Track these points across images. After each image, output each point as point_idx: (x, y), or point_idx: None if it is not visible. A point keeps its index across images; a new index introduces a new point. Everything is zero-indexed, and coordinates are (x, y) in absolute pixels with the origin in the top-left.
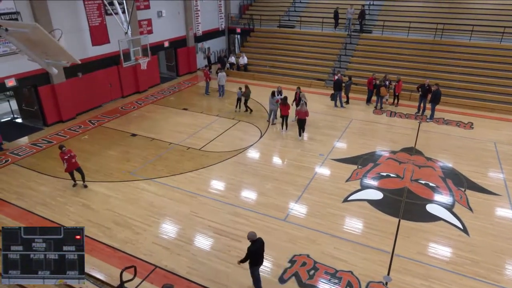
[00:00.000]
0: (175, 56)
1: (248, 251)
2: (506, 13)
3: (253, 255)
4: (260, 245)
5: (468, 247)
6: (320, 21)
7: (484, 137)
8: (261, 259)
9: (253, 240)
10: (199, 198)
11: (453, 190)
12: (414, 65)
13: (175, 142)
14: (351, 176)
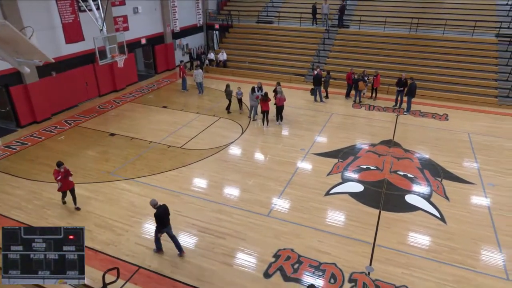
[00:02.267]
0: (153, 53)
1: (154, 216)
2: (477, 7)
3: (158, 219)
4: (163, 210)
5: (446, 235)
6: (298, 16)
7: (458, 128)
8: (166, 222)
9: (156, 206)
10: (182, 196)
11: (430, 181)
12: (390, 59)
13: (156, 141)
14: (332, 170)
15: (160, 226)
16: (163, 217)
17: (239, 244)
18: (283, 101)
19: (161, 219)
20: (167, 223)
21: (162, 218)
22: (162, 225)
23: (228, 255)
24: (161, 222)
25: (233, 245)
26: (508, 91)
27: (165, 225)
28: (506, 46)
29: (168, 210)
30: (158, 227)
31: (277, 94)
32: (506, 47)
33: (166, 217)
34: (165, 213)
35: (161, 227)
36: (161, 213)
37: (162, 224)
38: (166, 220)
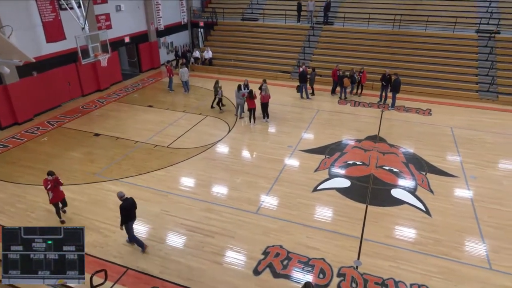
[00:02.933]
0: (137, 52)
1: (120, 208)
2: (458, 4)
3: (124, 211)
4: (129, 203)
5: (431, 228)
6: (283, 13)
7: (441, 123)
8: (133, 215)
9: (123, 199)
10: (170, 196)
11: (415, 174)
12: (375, 55)
13: (142, 141)
14: (320, 166)
15: (126, 219)
16: (129, 210)
17: (228, 242)
18: (267, 98)
19: (127, 212)
20: (133, 217)
21: (128, 210)
22: (128, 218)
23: (217, 254)
24: (127, 215)
25: (222, 243)
26: (489, 86)
27: (131, 218)
28: (486, 42)
29: (135, 204)
30: (123, 220)
31: (261, 92)
32: (486, 42)
33: (132, 210)
34: (131, 206)
35: (126, 220)
36: (127, 205)
37: (128, 217)
38: (133, 213)
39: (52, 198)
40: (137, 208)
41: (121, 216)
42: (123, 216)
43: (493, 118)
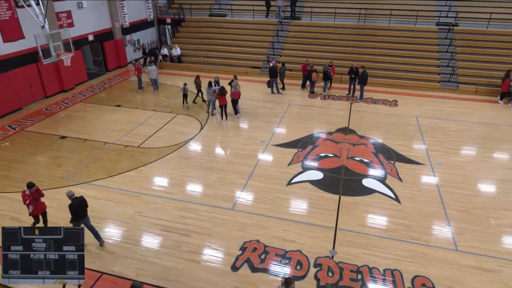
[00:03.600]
0: (102, 50)
1: (68, 207)
2: None
3: (73, 210)
4: (78, 202)
5: (401, 214)
6: (251, 9)
7: (407, 113)
8: (82, 214)
9: (72, 198)
10: (143, 197)
11: (384, 164)
12: (342, 49)
13: (111, 141)
14: (293, 160)
15: (76, 218)
16: (78, 209)
17: (205, 240)
18: (238, 94)
19: (76, 211)
20: (84, 216)
21: (76, 209)
22: (78, 217)
23: (194, 252)
24: (76, 214)
25: (199, 241)
26: (449, 76)
27: (81, 217)
28: (446, 34)
29: (86, 203)
30: (73, 219)
31: (231, 88)
32: (445, 34)
33: (82, 209)
34: (81, 205)
35: (76, 219)
36: (76, 205)
37: (78, 216)
38: (83, 212)
39: (32, 211)
40: (88, 206)
41: (71, 215)
42: (73, 215)
43: (455, 107)
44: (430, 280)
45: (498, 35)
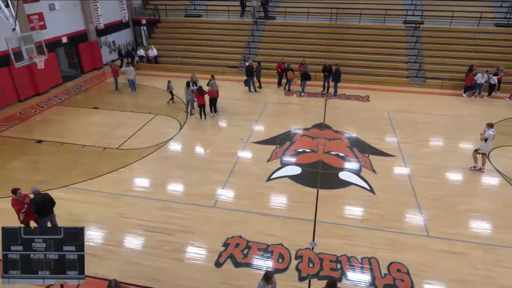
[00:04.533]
0: (77, 52)
1: (31, 202)
2: None
3: (34, 206)
4: (41, 197)
5: (376, 204)
6: (226, 9)
7: (379, 108)
8: (45, 212)
9: (35, 193)
10: (125, 198)
11: (359, 157)
12: (315, 48)
13: (89, 144)
14: (272, 156)
15: (38, 214)
16: (40, 205)
17: (188, 238)
18: (215, 93)
19: (38, 207)
20: (47, 214)
21: (38, 205)
22: (40, 213)
23: (178, 251)
24: (39, 210)
25: (182, 240)
26: (417, 72)
27: (44, 215)
28: (412, 31)
29: (51, 200)
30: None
31: (209, 87)
32: (412, 32)
33: (44, 206)
34: (43, 201)
35: (40, 216)
36: (37, 200)
37: (40, 212)
38: (46, 209)
39: (23, 219)
40: (55, 204)
41: (33, 210)
42: (35, 211)
43: (422, 100)
44: (405, 265)
45: (460, 32)
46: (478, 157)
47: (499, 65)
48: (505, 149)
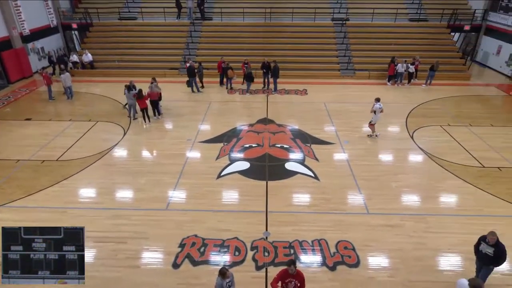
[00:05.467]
0: (1, 61)
1: None
2: None
3: None
4: None
5: (321, 190)
6: (161, 11)
7: (316, 100)
8: None
9: None
10: (69, 211)
11: (302, 147)
12: (253, 46)
13: (24, 158)
14: (220, 154)
15: None
16: None
17: (142, 243)
18: (155, 95)
19: None
20: None
21: None
22: None
23: (133, 258)
24: None
25: (136, 246)
26: (347, 65)
27: None
28: (340, 28)
29: None
30: None
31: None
32: (340, 28)
33: None
34: None
35: None
36: None
37: None
38: None
39: None
40: None
41: None
42: None
43: (354, 91)
44: (351, 242)
45: (381, 27)
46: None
47: (415, 55)
48: (425, 129)
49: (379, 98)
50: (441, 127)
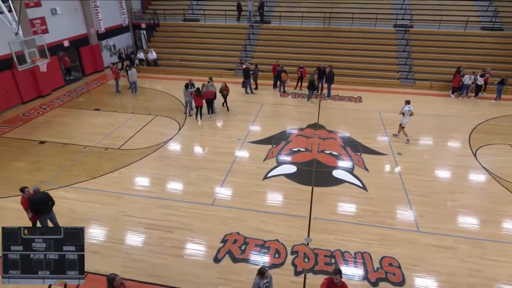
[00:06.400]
0: (79, 56)
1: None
2: (378, 1)
3: (32, 203)
4: (38, 196)
5: (368, 201)
6: (223, 13)
7: (371, 108)
8: (42, 210)
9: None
10: (126, 197)
11: (352, 156)
12: (309, 50)
13: (91, 145)
14: (268, 155)
15: (34, 212)
16: (37, 203)
17: (188, 235)
18: (210, 94)
19: (35, 205)
20: (44, 212)
21: (35, 203)
22: (37, 211)
23: (178, 247)
24: (36, 208)
25: (182, 237)
26: (407, 74)
27: (40, 213)
28: (402, 35)
29: (49, 199)
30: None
31: (204, 88)
32: (402, 35)
33: (42, 204)
34: (40, 200)
35: (36, 214)
36: (35, 199)
37: (37, 210)
38: (43, 207)
39: (31, 217)
40: (54, 203)
41: (30, 208)
42: (32, 209)
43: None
44: (396, 259)
45: (448, 35)
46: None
47: (485, 67)
48: (490, 147)
49: (409, 101)
50: (510, 146)
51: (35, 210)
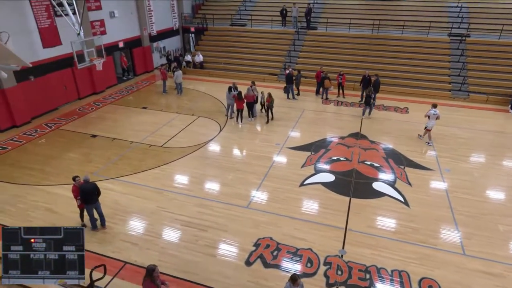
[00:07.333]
0: (131, 56)
1: (79, 189)
2: (432, 9)
3: (81, 192)
4: (88, 187)
5: (409, 217)
6: (270, 19)
7: (418, 120)
8: (90, 199)
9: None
10: (165, 193)
11: (394, 168)
12: (355, 58)
13: (137, 141)
14: (306, 162)
15: (83, 200)
16: (86, 193)
17: (221, 235)
18: (251, 98)
19: (84, 194)
20: (92, 201)
21: (85, 193)
22: (85, 200)
23: (211, 247)
24: (85, 197)
25: (215, 236)
26: (460, 85)
27: (89, 202)
28: (457, 45)
29: (97, 190)
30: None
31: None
32: (457, 45)
33: (90, 194)
34: (89, 190)
35: (84, 202)
36: (84, 188)
37: (85, 199)
38: (91, 197)
39: (80, 204)
40: (100, 194)
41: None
42: (81, 197)
43: (465, 115)
44: (437, 282)
45: (509, 46)
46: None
47: None
48: None
49: (436, 105)
50: None
51: (83, 199)
